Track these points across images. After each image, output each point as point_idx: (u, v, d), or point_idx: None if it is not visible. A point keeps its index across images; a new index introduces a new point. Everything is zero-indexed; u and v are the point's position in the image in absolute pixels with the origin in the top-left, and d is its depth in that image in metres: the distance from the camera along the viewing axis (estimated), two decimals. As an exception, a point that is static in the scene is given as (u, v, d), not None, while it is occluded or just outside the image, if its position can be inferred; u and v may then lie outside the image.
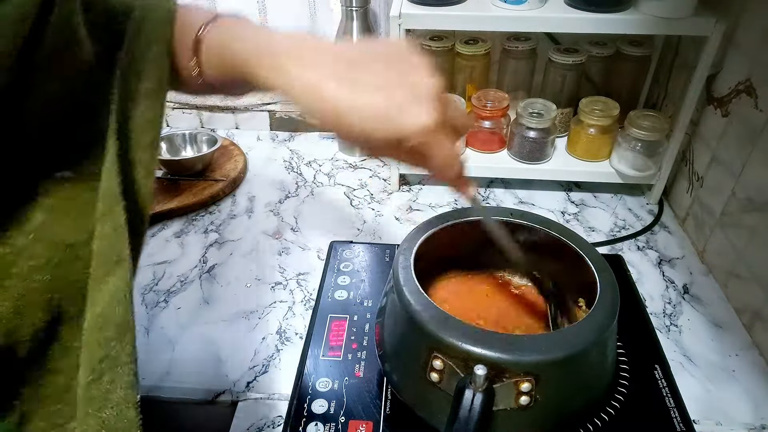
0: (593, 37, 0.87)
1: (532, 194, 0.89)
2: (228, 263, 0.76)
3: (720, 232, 0.72)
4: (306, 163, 0.98)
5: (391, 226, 0.83)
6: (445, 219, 0.59)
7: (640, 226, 0.82)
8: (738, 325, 0.66)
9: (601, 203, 0.87)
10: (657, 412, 0.54)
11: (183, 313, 0.68)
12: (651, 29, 0.71)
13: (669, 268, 0.75)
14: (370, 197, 0.89)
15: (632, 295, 0.68)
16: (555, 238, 0.58)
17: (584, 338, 0.46)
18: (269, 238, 0.81)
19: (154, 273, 0.74)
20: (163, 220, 0.84)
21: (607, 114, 0.81)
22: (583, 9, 0.72)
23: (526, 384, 0.44)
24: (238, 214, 0.86)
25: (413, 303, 0.48)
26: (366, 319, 0.64)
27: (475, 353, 0.44)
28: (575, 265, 0.56)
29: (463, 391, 0.43)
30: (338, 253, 0.74)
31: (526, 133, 0.82)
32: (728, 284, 0.70)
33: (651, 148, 0.80)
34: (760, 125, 0.64)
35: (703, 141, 0.78)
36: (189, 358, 0.62)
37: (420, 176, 0.93)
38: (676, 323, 0.66)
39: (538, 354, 0.44)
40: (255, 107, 1.06)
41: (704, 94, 0.77)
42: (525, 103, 0.83)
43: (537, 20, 0.72)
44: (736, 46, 0.71)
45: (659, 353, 0.60)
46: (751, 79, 0.67)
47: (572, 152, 0.87)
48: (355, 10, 0.85)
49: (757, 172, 0.65)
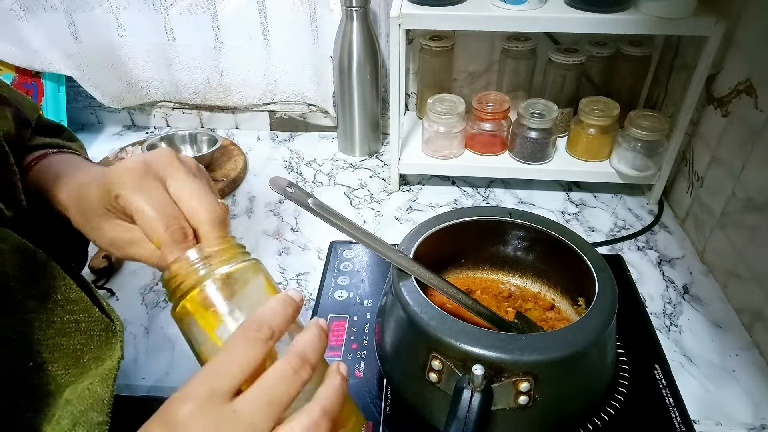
0: (593, 37, 0.87)
1: (532, 194, 0.89)
2: (228, 263, 0.76)
3: (720, 232, 0.72)
4: (306, 163, 0.99)
5: (391, 226, 0.83)
6: (445, 219, 0.59)
7: (640, 226, 0.82)
8: (738, 325, 0.66)
9: (601, 203, 0.87)
10: (657, 412, 0.54)
11: (183, 313, 0.68)
12: (651, 29, 0.71)
13: (669, 268, 0.74)
14: (370, 197, 0.89)
15: (632, 295, 0.68)
16: (555, 238, 0.58)
17: (583, 338, 0.46)
18: (269, 238, 0.81)
19: (154, 273, 0.74)
20: (164, 220, 0.84)
21: (607, 114, 0.81)
22: (583, 9, 0.72)
23: (524, 384, 0.44)
24: (238, 214, 0.86)
25: (412, 303, 0.48)
26: (366, 319, 0.64)
27: (473, 353, 0.44)
28: (575, 265, 0.56)
29: (461, 390, 0.43)
30: (338, 253, 0.74)
31: (528, 133, 0.82)
32: (728, 284, 0.70)
33: (651, 148, 0.80)
34: (760, 125, 0.64)
35: (703, 141, 0.78)
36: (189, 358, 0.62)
37: (420, 176, 0.93)
38: (676, 323, 0.66)
39: (537, 354, 0.44)
40: (255, 107, 1.06)
41: (704, 94, 0.77)
42: (526, 104, 0.83)
43: (537, 20, 0.72)
44: (736, 46, 0.71)
45: (659, 353, 0.60)
46: (751, 79, 0.67)
47: (572, 152, 0.87)
48: (355, 10, 0.85)
49: (757, 172, 0.65)
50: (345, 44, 0.88)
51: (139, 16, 0.96)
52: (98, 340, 0.40)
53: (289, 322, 0.33)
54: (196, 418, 0.28)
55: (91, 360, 0.39)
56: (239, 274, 0.35)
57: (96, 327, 0.40)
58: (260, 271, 0.37)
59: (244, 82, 1.03)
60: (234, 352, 0.31)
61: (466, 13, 0.73)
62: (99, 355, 0.40)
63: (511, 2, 0.72)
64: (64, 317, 0.38)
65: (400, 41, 0.74)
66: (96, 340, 0.40)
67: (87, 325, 0.39)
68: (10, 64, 0.96)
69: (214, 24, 0.96)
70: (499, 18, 0.72)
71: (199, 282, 0.34)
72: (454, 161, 0.87)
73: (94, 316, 0.40)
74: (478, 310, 0.53)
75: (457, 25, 0.75)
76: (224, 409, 0.29)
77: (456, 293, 0.52)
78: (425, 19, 0.73)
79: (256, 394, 0.30)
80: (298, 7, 0.93)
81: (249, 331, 0.31)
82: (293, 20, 0.95)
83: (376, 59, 0.90)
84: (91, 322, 0.40)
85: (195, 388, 0.29)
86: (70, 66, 0.97)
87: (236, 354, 0.30)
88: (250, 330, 0.31)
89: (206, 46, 0.99)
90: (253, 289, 0.35)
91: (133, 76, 1.03)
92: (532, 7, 0.72)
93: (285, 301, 0.33)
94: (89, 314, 0.40)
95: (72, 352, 0.38)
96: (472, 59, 0.96)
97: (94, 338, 0.39)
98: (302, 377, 0.31)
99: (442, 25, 0.74)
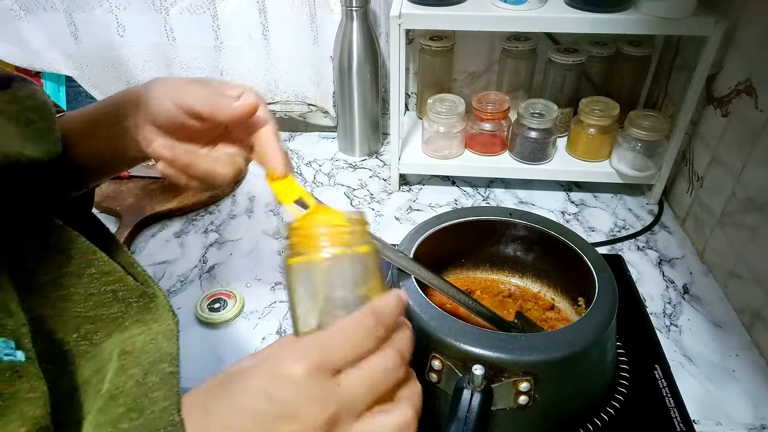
0: (593, 37, 0.87)
1: (532, 194, 0.89)
2: (228, 263, 0.76)
3: (720, 232, 0.72)
4: (306, 163, 0.99)
5: (391, 226, 0.83)
6: (444, 219, 0.59)
7: (640, 226, 0.82)
8: (738, 325, 0.66)
9: (601, 203, 0.87)
10: (657, 412, 0.54)
11: (183, 313, 0.68)
12: (651, 29, 0.71)
13: (669, 268, 0.74)
14: (370, 197, 0.89)
15: (632, 295, 0.68)
16: (555, 238, 0.58)
17: (582, 338, 0.46)
18: (269, 238, 0.81)
19: (154, 273, 0.74)
20: (163, 220, 0.84)
21: (607, 114, 0.81)
22: (583, 9, 0.72)
23: (524, 384, 0.44)
24: (238, 214, 0.86)
25: (411, 303, 0.48)
26: (365, 319, 0.64)
27: (473, 353, 0.44)
28: (575, 265, 0.56)
29: (461, 390, 0.43)
30: (338, 253, 0.74)
31: (528, 133, 0.82)
32: (728, 284, 0.70)
33: (651, 148, 0.80)
34: (760, 125, 0.64)
35: (703, 141, 0.78)
36: (189, 358, 0.62)
37: (420, 176, 0.93)
38: (676, 323, 0.66)
39: (537, 354, 0.44)
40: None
41: (704, 94, 0.77)
42: (526, 104, 0.83)
43: (537, 20, 0.72)
44: (736, 46, 0.71)
45: (659, 353, 0.60)
46: (751, 79, 0.67)
47: (572, 152, 0.87)
48: (355, 10, 0.85)
49: (757, 172, 0.65)
50: (345, 44, 0.88)
51: (139, 16, 0.96)
52: (137, 306, 0.41)
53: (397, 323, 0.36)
54: (306, 381, 0.31)
55: (132, 324, 0.40)
56: (365, 257, 0.37)
57: (133, 294, 0.41)
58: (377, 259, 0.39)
59: (244, 82, 1.03)
60: (351, 336, 0.33)
61: (466, 13, 0.73)
62: (140, 318, 0.41)
63: (511, 2, 0.72)
64: (101, 288, 0.39)
65: (400, 41, 0.74)
66: (135, 306, 0.41)
67: (124, 293, 0.40)
68: (10, 64, 0.96)
69: (214, 24, 0.96)
70: (499, 18, 0.72)
71: (352, 246, 0.36)
72: (454, 161, 0.87)
73: (129, 284, 0.41)
74: (478, 310, 0.53)
75: (457, 25, 0.75)
76: (331, 381, 0.31)
77: (456, 293, 0.52)
78: (425, 19, 0.73)
79: (360, 378, 0.32)
80: (298, 7, 0.93)
81: (369, 321, 0.33)
82: (293, 20, 0.94)
83: (376, 59, 0.90)
84: (128, 290, 0.41)
85: (310, 352, 0.31)
86: (70, 66, 0.97)
87: (352, 339, 0.33)
88: (369, 321, 0.33)
89: (206, 46, 0.99)
90: (368, 272, 0.37)
91: (133, 76, 1.03)
92: (532, 7, 0.72)
93: (400, 304, 0.36)
94: (124, 283, 0.41)
95: (113, 320, 0.39)
96: (472, 59, 0.96)
97: (133, 305, 0.41)
98: (398, 375, 0.34)
99: (442, 25, 0.74)
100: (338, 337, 0.33)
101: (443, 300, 0.59)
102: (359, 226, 0.38)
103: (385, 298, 0.35)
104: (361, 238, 0.37)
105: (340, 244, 0.36)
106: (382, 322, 0.34)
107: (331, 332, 0.33)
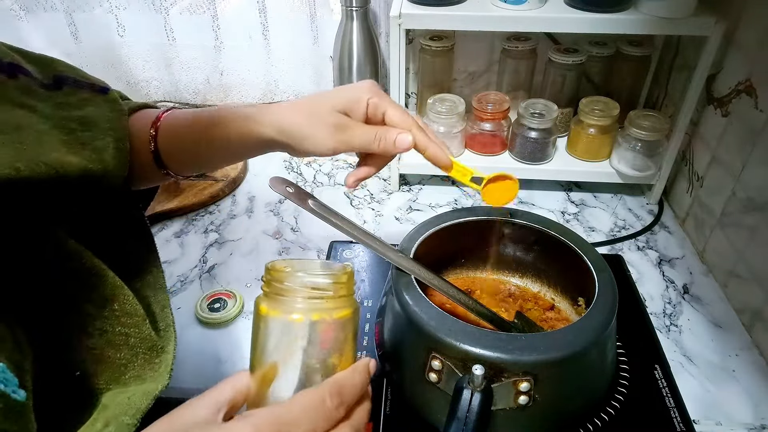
0: (593, 37, 0.87)
1: (532, 194, 0.89)
2: (228, 263, 0.76)
3: (720, 232, 0.72)
4: (306, 163, 0.98)
5: (391, 226, 0.83)
6: (444, 219, 0.59)
7: (640, 226, 0.82)
8: (738, 325, 0.66)
9: (601, 203, 0.87)
10: (657, 412, 0.54)
11: (183, 313, 0.68)
12: (651, 29, 0.71)
13: (669, 268, 0.74)
14: (370, 197, 0.89)
15: (632, 295, 0.68)
16: (555, 238, 0.58)
17: (582, 338, 0.46)
18: (269, 238, 0.81)
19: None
20: (163, 220, 0.84)
21: (607, 114, 0.81)
22: (583, 9, 0.72)
23: (524, 384, 0.44)
24: (238, 214, 0.86)
25: (412, 303, 0.48)
26: (366, 319, 0.64)
27: (472, 353, 0.44)
28: (575, 265, 0.56)
29: (461, 391, 0.43)
30: (338, 253, 0.74)
31: (528, 133, 0.82)
32: (728, 284, 0.70)
33: (651, 148, 0.80)
34: (760, 125, 0.64)
35: (703, 141, 0.78)
36: (189, 358, 0.62)
37: (420, 176, 0.93)
38: (676, 323, 0.66)
39: (537, 354, 0.44)
40: (255, 107, 1.06)
41: (704, 94, 0.77)
42: (526, 104, 0.83)
43: (537, 20, 0.72)
44: (736, 46, 0.71)
45: (659, 353, 0.60)
46: (751, 79, 0.67)
47: (572, 152, 0.87)
48: (355, 10, 0.85)
49: (757, 172, 0.65)
50: (345, 44, 0.88)
51: (139, 16, 0.96)
52: (143, 358, 0.40)
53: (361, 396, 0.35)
54: None
55: (131, 378, 0.40)
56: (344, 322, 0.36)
57: (144, 344, 0.41)
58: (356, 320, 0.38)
59: (244, 82, 1.03)
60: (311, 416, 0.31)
61: (466, 13, 0.73)
62: (140, 374, 0.40)
63: (511, 2, 0.72)
64: (116, 329, 0.39)
65: (400, 41, 0.74)
66: (141, 358, 0.40)
67: (135, 340, 0.40)
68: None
69: (214, 24, 0.96)
70: (499, 18, 0.72)
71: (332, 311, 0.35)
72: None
73: (144, 332, 0.41)
74: (478, 310, 0.53)
75: (457, 25, 0.75)
76: None
77: (456, 293, 0.52)
78: (425, 19, 0.73)
79: None
80: (298, 7, 0.93)
81: (331, 402, 0.32)
82: (293, 20, 0.95)
83: (376, 59, 0.90)
84: (140, 338, 0.40)
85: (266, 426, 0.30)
86: (70, 66, 0.97)
87: (312, 418, 0.31)
88: (332, 402, 0.32)
89: (206, 46, 0.99)
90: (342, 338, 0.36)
91: (133, 76, 1.03)
92: (532, 7, 0.72)
93: (367, 379, 0.35)
94: (139, 329, 0.40)
95: (116, 367, 0.39)
96: (472, 59, 0.96)
97: (139, 356, 0.40)
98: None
99: (442, 25, 0.74)
100: (297, 414, 0.31)
101: (443, 300, 0.59)
102: (344, 282, 0.37)
103: (353, 375, 0.34)
104: (343, 301, 0.36)
105: (319, 309, 0.35)
106: (345, 401, 0.33)
107: (291, 407, 0.32)
